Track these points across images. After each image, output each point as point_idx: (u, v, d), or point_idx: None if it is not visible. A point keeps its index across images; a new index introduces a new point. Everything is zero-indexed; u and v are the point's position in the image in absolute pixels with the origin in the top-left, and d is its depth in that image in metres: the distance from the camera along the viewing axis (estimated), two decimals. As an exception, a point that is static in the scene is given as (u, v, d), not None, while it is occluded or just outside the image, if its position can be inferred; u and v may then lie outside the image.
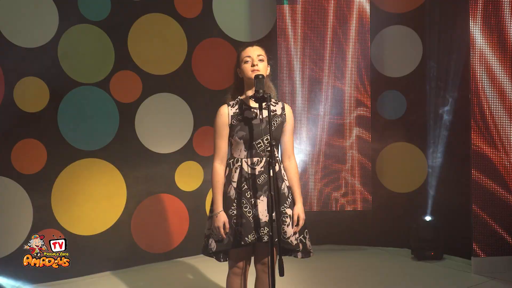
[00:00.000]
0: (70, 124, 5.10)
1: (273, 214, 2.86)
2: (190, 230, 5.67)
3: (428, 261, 5.43)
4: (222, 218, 3.07)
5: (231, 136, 3.16)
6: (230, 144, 3.19)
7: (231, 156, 3.19)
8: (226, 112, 3.15)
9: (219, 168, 3.14)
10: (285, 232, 3.10)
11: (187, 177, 5.67)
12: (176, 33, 5.62)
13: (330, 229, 5.95)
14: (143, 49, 5.44)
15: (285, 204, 3.13)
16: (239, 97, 3.21)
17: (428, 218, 5.59)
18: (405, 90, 5.90)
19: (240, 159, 3.13)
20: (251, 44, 3.19)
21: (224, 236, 3.07)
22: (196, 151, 5.72)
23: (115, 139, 5.31)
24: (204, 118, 5.65)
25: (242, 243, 3.05)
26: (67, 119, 5.08)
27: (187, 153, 5.66)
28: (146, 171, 5.48)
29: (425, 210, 5.65)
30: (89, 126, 5.20)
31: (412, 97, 5.88)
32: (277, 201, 3.03)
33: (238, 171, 3.11)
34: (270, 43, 5.75)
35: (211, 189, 3.29)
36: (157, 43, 5.51)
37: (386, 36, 5.89)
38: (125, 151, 5.37)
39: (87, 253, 5.15)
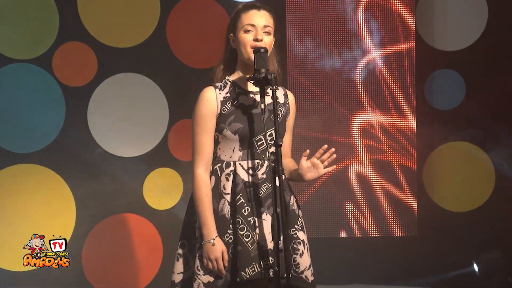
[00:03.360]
0: (-4, 116, 5.26)
1: (280, 240, 2.90)
2: (164, 264, 5.58)
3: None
4: (219, 246, 3.05)
5: (218, 130, 3.13)
6: (216, 142, 3.16)
7: (216, 159, 3.17)
8: (214, 97, 3.12)
9: (205, 177, 3.11)
10: (298, 264, 3.10)
11: (161, 191, 5.64)
12: (145, -10, 5.68)
13: (362, 263, 5.85)
14: (98, 12, 5.46)
15: (296, 226, 3.14)
16: (228, 77, 3.21)
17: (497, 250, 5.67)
18: (464, 70, 5.85)
19: (233, 163, 3.13)
20: (257, 7, 3.17)
21: (224, 272, 3.06)
22: (172, 154, 5.67)
23: (59, 138, 5.36)
24: (184, 108, 5.35)
25: (238, 279, 3.03)
26: (-7, 110, 5.28)
27: (160, 156, 5.65)
28: (103, 182, 5.49)
29: (491, 236, 5.64)
30: (23, 120, 5.28)
31: (474, 79, 5.82)
32: (285, 222, 3.01)
33: (231, 179, 3.11)
34: (275, 3, 5.54)
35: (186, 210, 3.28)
36: (119, 3, 5.53)
37: (438, -5, 5.96)
38: (73, 154, 5.39)
39: (21, 297, 5.27)
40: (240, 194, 3.08)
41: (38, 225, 5.23)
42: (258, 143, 3.12)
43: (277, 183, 2.95)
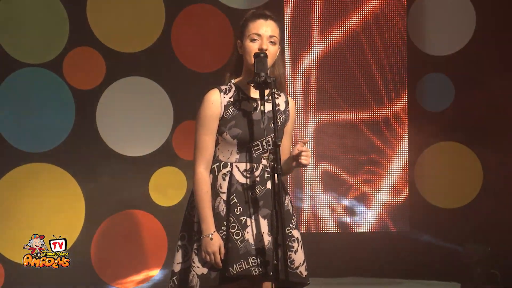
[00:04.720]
0: (10, 117, 5.24)
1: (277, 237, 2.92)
2: (169, 258, 5.50)
3: (483, 300, 5.48)
4: (217, 241, 3.04)
5: (219, 132, 3.12)
6: (216, 143, 3.15)
7: (215, 159, 3.16)
8: (218, 100, 3.10)
9: (206, 175, 3.12)
10: (293, 260, 3.11)
11: (165, 188, 5.70)
12: (151, -3, 5.71)
13: (353, 256, 5.90)
14: (107, 19, 5.50)
15: (290, 225, 3.13)
16: (233, 80, 3.17)
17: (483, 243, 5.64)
18: (453, 73, 5.91)
19: (230, 164, 3.13)
20: (265, 16, 3.10)
21: (221, 265, 3.05)
22: (177, 154, 5.72)
23: (69, 138, 5.42)
24: (188, 110, 5.58)
25: (226, 274, 3.04)
26: (7, 111, 5.24)
27: (165, 156, 5.69)
28: (110, 180, 5.53)
29: (479, 231, 5.69)
30: (35, 121, 5.30)
31: (463, 82, 5.88)
32: (281, 221, 2.99)
33: (227, 179, 3.11)
34: (274, 12, 5.58)
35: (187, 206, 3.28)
36: (126, 10, 5.57)
37: (428, 2, 5.93)
38: (82, 153, 5.44)
39: (33, 289, 5.22)
40: (234, 194, 3.07)
41: (49, 221, 5.30)
42: (255, 148, 3.10)
43: (274, 184, 2.95)
